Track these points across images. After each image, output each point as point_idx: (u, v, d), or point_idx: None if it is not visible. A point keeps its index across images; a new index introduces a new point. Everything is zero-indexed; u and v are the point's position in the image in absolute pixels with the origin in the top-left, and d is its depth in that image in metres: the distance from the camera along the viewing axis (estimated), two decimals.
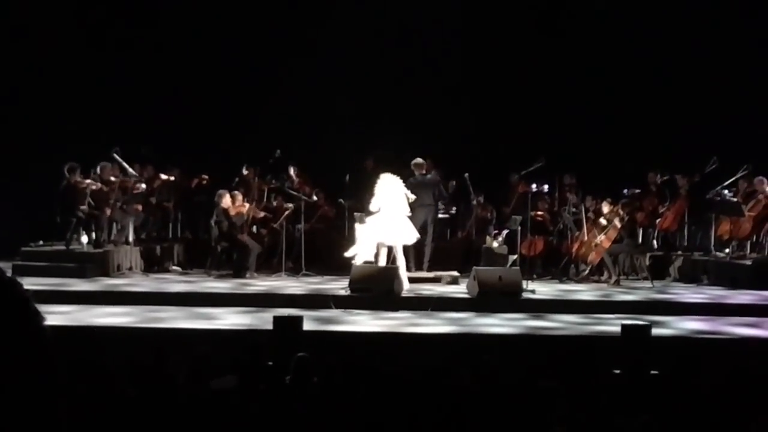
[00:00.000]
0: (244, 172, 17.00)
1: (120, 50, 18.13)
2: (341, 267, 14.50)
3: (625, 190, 16.39)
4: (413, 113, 17.73)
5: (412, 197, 14.05)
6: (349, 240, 14.78)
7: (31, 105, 17.24)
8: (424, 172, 15.28)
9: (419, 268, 15.01)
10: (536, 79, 18.40)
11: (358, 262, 13.56)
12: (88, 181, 15.17)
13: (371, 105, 18.03)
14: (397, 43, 18.44)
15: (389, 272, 13.14)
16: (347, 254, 13.80)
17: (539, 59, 18.56)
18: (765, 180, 15.23)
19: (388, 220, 13.66)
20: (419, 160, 15.26)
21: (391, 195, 13.72)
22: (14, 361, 1.39)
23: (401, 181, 14.00)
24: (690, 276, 15.65)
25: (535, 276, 15.03)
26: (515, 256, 14.91)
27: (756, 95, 17.13)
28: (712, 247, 15.98)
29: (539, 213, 16.48)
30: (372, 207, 13.78)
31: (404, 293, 13.26)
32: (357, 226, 14.10)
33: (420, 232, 14.39)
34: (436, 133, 16.78)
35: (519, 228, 14.58)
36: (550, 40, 18.64)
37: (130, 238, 15.68)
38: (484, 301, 12.75)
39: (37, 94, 17.28)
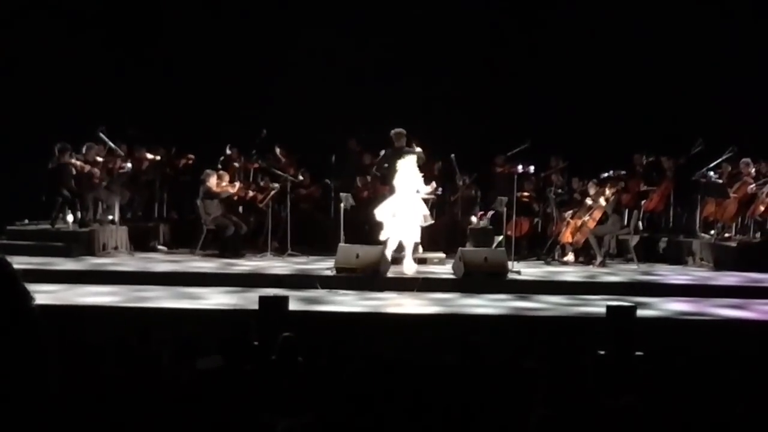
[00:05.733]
0: (228, 152, 16.99)
1: (108, 32, 18.03)
2: (327, 247, 14.57)
3: (610, 171, 16.35)
4: (398, 93, 17.66)
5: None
6: (335, 220, 14.74)
7: (18, 85, 17.08)
8: (403, 143, 14.41)
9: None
10: (522, 60, 18.38)
11: (390, 246, 13.47)
12: (78, 162, 15.12)
13: (355, 86, 17.97)
14: (383, 24, 18.34)
15: (375, 253, 13.12)
16: (382, 237, 13.53)
17: (525, 41, 18.54)
18: (750, 162, 15.28)
19: (408, 199, 13.58)
20: (400, 130, 14.42)
21: (409, 174, 13.63)
22: (3, 339, 1.39)
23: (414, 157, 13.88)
24: (675, 257, 15.71)
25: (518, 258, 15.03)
26: (501, 237, 14.91)
27: (741, 77, 17.15)
28: (698, 229, 16.04)
29: (525, 194, 16.50)
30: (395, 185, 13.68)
31: (409, 274, 13.24)
32: (378, 212, 13.65)
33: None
34: (422, 114, 16.71)
35: (505, 209, 14.57)
36: (535, 21, 18.61)
37: (116, 218, 15.62)
38: (469, 281, 12.77)
39: (24, 74, 17.14)
